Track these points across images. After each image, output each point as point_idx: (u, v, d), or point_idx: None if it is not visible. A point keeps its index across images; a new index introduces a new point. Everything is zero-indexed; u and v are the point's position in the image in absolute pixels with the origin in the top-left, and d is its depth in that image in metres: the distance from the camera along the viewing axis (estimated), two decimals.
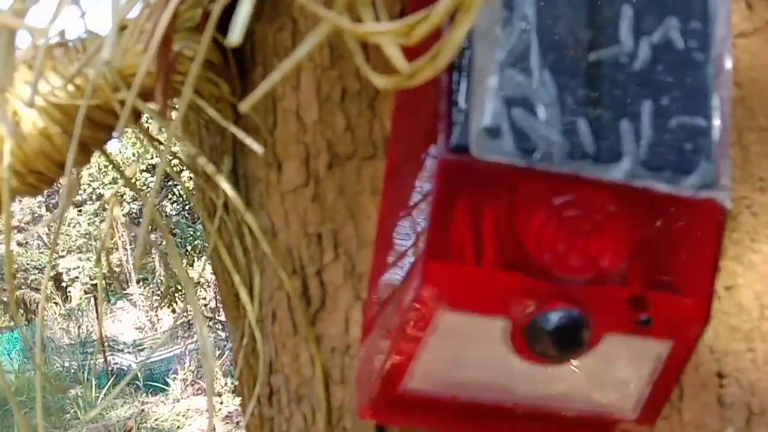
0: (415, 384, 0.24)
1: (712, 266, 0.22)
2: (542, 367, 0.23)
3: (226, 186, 0.31)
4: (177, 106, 0.35)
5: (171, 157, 0.43)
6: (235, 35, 0.16)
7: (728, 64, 0.23)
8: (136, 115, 0.37)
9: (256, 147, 0.30)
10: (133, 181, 0.44)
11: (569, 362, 0.23)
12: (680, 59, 0.23)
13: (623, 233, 0.21)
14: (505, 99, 0.21)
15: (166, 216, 7.95)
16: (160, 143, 0.38)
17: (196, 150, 0.36)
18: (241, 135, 0.31)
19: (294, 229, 0.31)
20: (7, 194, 0.31)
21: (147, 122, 0.48)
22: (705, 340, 0.28)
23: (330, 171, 0.29)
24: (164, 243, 0.42)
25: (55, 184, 0.39)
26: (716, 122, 0.22)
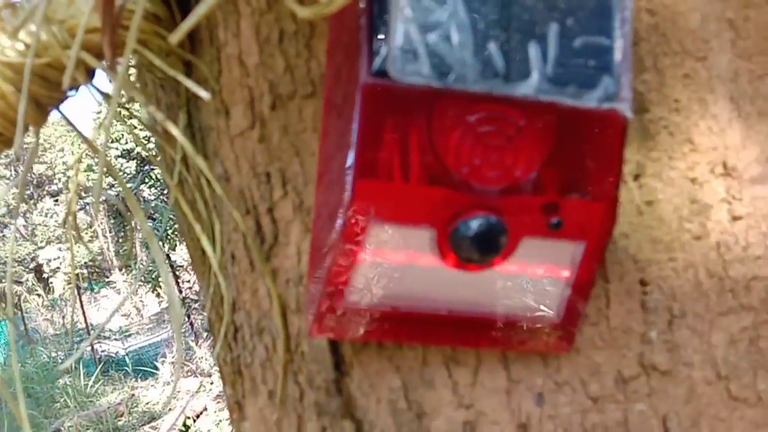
0: (356, 298, 0.26)
1: (617, 171, 0.24)
2: (470, 274, 0.25)
3: (175, 132, 0.32)
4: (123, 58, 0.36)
5: (146, 142, 0.44)
6: None
7: None
8: (89, 72, 0.38)
9: (203, 93, 0.31)
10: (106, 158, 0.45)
11: (492, 267, 0.25)
12: None
13: (534, 145, 0.24)
14: (421, 25, 0.23)
15: (144, 200, 7.88)
16: (119, 103, 0.39)
17: (146, 100, 0.37)
18: (189, 84, 0.32)
19: (244, 172, 0.33)
20: None
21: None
22: (629, 251, 0.31)
23: (274, 112, 0.31)
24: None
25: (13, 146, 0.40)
26: (618, 41, 0.24)
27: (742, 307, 0.32)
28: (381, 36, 0.23)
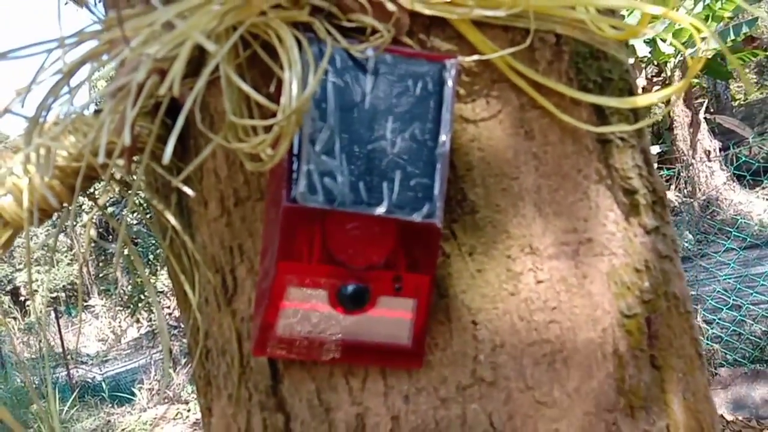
0: (281, 331, 0.42)
1: (435, 257, 0.41)
2: (353, 317, 0.42)
3: (171, 219, 0.48)
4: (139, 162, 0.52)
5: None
6: (167, 156, 0.34)
7: (447, 147, 0.42)
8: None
9: (190, 192, 0.48)
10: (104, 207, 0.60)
11: (365, 313, 0.41)
12: (419, 145, 0.41)
13: (385, 243, 0.40)
14: (319, 172, 0.39)
15: (127, 225, 7.95)
16: (128, 186, 0.55)
17: (151, 194, 0.53)
18: (179, 184, 0.48)
19: (216, 244, 0.49)
20: (27, 227, 0.48)
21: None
22: (465, 302, 0.47)
23: (236, 208, 0.47)
24: (127, 252, 0.59)
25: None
26: (437, 181, 0.41)
27: (543, 340, 0.48)
28: (295, 177, 0.39)
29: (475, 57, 0.46)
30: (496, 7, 0.45)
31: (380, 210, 0.40)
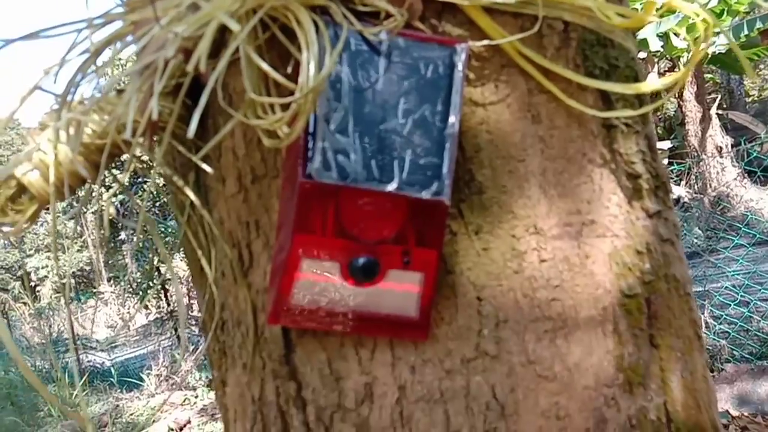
0: (295, 301, 0.44)
1: (442, 232, 0.43)
2: (363, 288, 0.44)
3: (191, 195, 0.50)
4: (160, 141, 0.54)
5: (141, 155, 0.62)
6: (191, 131, 0.36)
7: (455, 129, 0.43)
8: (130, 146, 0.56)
9: (208, 169, 0.50)
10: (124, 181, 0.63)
11: (374, 285, 0.43)
12: (429, 126, 0.43)
13: (395, 218, 0.42)
14: (333, 150, 0.41)
15: (136, 213, 8.01)
16: (149, 165, 0.57)
17: (172, 171, 0.55)
18: (198, 162, 0.51)
19: (233, 219, 0.51)
20: (54, 200, 0.51)
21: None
22: (470, 279, 0.49)
23: (253, 185, 0.49)
24: (137, 240, 0.61)
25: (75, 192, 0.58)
26: (446, 160, 0.43)
27: (545, 317, 0.50)
28: (310, 154, 0.41)
29: (485, 42, 0.47)
30: None
31: (391, 187, 0.42)
